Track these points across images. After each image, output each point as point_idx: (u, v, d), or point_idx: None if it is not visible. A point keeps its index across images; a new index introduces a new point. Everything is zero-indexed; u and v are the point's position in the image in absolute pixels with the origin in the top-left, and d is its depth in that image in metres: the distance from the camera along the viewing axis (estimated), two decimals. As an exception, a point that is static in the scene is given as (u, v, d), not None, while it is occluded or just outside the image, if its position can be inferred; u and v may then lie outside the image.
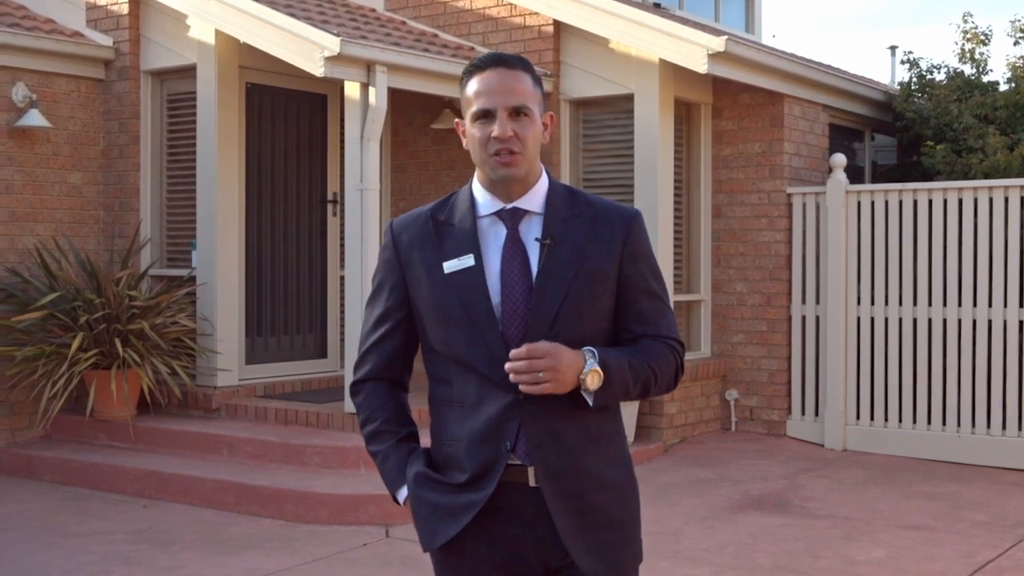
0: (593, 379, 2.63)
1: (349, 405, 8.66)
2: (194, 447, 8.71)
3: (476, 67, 2.77)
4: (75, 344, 8.68)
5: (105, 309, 8.93)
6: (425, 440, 2.92)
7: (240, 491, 7.84)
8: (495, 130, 2.69)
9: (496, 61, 2.75)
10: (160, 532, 7.27)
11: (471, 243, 2.76)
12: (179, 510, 7.85)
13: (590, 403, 2.67)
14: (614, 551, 2.77)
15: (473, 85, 2.75)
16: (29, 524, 7.48)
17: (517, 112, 2.71)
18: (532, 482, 2.71)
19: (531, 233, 2.77)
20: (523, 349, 2.59)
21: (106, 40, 9.97)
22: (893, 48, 24.06)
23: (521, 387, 2.60)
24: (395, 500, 2.90)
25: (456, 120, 2.88)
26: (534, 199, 2.79)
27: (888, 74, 17.90)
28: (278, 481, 7.86)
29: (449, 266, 2.76)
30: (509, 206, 2.78)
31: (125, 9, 9.89)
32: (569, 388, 2.63)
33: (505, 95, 2.71)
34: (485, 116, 2.72)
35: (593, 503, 2.73)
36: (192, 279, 9.53)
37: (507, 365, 2.61)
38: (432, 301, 2.78)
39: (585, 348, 2.67)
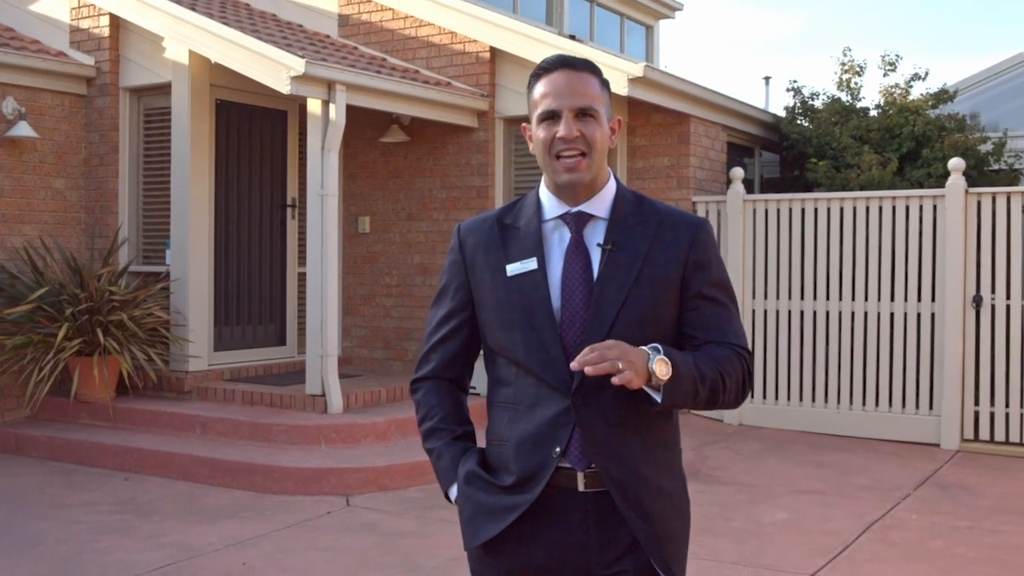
0: (661, 367, 2.22)
1: (310, 387, 8.47)
2: (169, 426, 8.44)
3: (543, 69, 2.42)
4: (61, 334, 8.36)
5: (88, 302, 8.62)
6: (482, 441, 2.59)
7: (213, 465, 7.59)
8: (560, 130, 2.35)
9: (563, 63, 2.40)
10: (142, 503, 7.01)
11: (535, 247, 2.42)
12: (157, 483, 7.59)
13: (658, 400, 2.26)
14: (676, 563, 2.42)
15: (540, 88, 2.41)
16: (21, 496, 7.17)
17: (583, 113, 2.37)
18: (581, 487, 2.35)
19: (595, 238, 2.42)
20: (586, 349, 2.20)
21: (88, 60, 9.62)
22: (767, 78, 24.40)
23: (615, 379, 2.16)
24: (447, 498, 2.56)
25: (523, 124, 2.53)
26: (600, 204, 2.44)
27: (763, 100, 18.07)
28: (247, 456, 7.63)
29: (512, 269, 2.42)
30: (574, 210, 2.43)
31: (106, 32, 9.55)
32: (643, 380, 2.21)
33: (571, 96, 2.36)
34: (551, 117, 2.38)
35: (652, 513, 2.36)
36: (166, 275, 9.25)
37: (576, 363, 2.19)
38: (494, 303, 2.44)
39: (648, 345, 2.27)
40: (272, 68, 8.17)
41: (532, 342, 2.37)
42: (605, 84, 2.45)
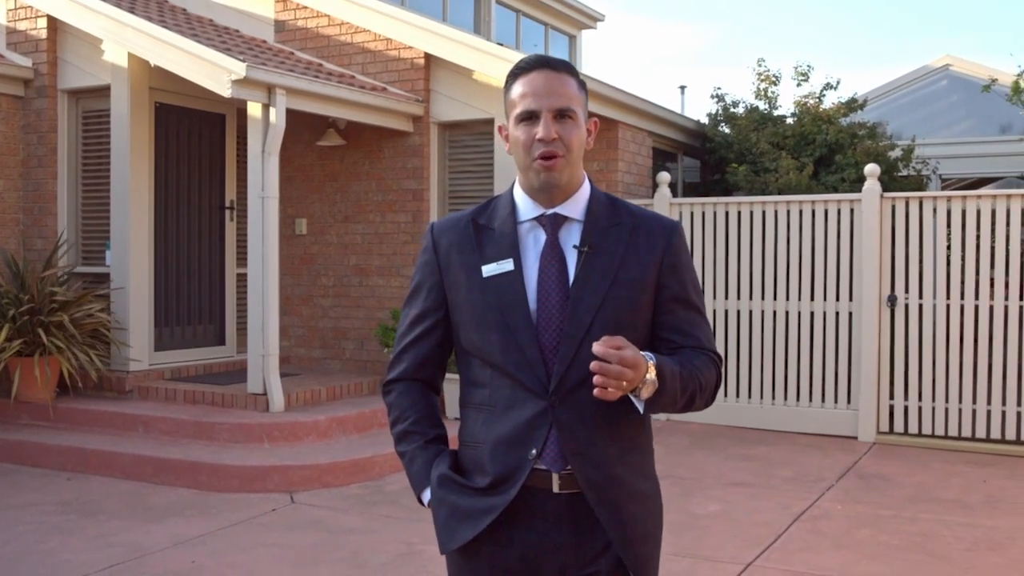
0: (648, 389, 2.16)
1: (251, 386, 8.30)
2: (111, 425, 8.20)
3: (521, 69, 2.31)
4: (2, 335, 8.08)
5: (29, 304, 8.34)
6: (454, 443, 2.48)
7: (157, 464, 7.40)
8: (539, 131, 2.24)
9: (541, 63, 2.30)
10: (87, 503, 6.80)
11: (511, 248, 2.32)
12: (101, 482, 7.37)
13: (640, 411, 2.23)
14: (651, 564, 2.35)
15: (518, 88, 2.30)
16: (-38, 498, 6.92)
17: (562, 115, 2.26)
18: (556, 488, 2.27)
19: (570, 240, 2.33)
20: (615, 352, 2.07)
21: (25, 61, 9.32)
22: (683, 87, 24.62)
23: (596, 391, 2.09)
24: (420, 502, 2.45)
25: (499, 124, 2.40)
26: (575, 206, 2.34)
27: (679, 108, 18.19)
28: (191, 454, 7.45)
29: (488, 270, 2.32)
30: (550, 212, 2.33)
31: (43, 34, 9.27)
32: (625, 392, 2.14)
33: (550, 97, 2.26)
34: (529, 118, 2.27)
35: (629, 515, 2.29)
36: (107, 276, 8.99)
37: (594, 364, 2.07)
38: (469, 304, 2.34)
39: (645, 353, 2.18)
40: (213, 72, 7.99)
41: (508, 344, 2.28)
42: (582, 85, 2.35)
